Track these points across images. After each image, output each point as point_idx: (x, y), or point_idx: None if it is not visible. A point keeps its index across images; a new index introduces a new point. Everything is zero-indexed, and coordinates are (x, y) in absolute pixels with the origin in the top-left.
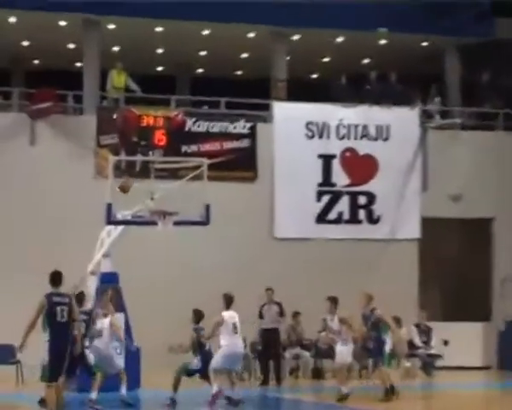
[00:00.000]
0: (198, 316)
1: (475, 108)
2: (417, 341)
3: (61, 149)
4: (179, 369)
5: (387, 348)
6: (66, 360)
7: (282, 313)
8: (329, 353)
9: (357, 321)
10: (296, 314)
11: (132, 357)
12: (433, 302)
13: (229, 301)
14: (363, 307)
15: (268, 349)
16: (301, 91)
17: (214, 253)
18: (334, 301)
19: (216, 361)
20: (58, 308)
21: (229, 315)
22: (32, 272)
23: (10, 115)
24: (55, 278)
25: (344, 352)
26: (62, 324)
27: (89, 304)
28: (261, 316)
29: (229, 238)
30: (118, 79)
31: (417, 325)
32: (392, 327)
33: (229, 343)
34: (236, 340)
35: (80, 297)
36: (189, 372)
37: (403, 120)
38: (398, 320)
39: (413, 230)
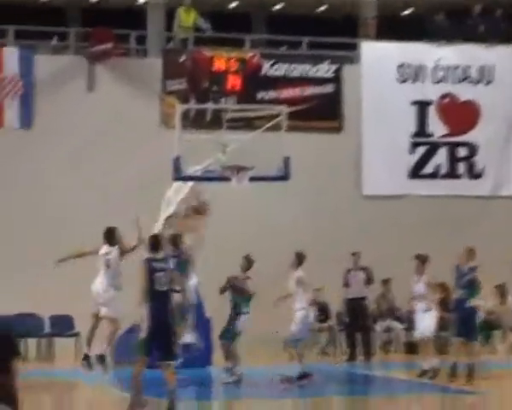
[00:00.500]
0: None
1: None
2: None
3: (122, 96)
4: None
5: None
6: (166, 333)
7: (369, 281)
8: None
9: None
10: (386, 281)
11: (202, 329)
12: None
13: (301, 260)
14: (462, 263)
15: (355, 321)
16: (393, 29)
17: (293, 211)
18: (422, 259)
19: (299, 331)
20: (157, 275)
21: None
22: (88, 233)
23: (66, 58)
24: (155, 243)
25: (425, 321)
26: (162, 292)
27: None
28: (346, 284)
29: (310, 195)
30: (186, 17)
31: None
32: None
33: (306, 307)
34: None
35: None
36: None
37: (509, 60)
38: (502, 288)
39: None
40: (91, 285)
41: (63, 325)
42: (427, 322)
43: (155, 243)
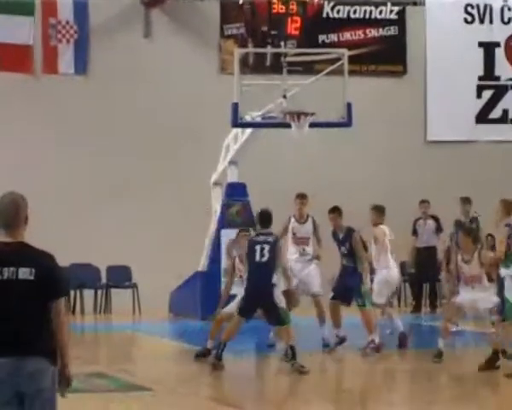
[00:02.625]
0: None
1: None
2: None
3: (179, 42)
4: None
5: None
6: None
7: (439, 229)
8: None
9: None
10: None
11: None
12: None
13: (381, 213)
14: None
15: (422, 271)
16: None
17: (356, 159)
18: (468, 201)
19: (380, 294)
20: (258, 247)
21: (385, 232)
22: (150, 183)
23: (121, 2)
24: (264, 219)
25: None
26: (261, 264)
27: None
28: (415, 232)
29: (373, 142)
30: None
31: None
32: None
33: (388, 266)
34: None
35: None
36: None
37: None
38: None
39: None
40: None
41: (120, 276)
42: None
43: (264, 218)
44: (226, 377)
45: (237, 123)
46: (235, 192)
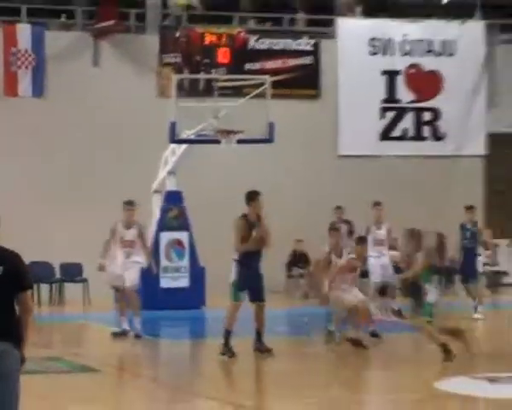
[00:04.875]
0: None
1: None
2: (484, 258)
3: (124, 69)
4: None
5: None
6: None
7: (352, 232)
8: None
9: None
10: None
11: (196, 276)
12: (498, 219)
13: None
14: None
15: None
16: (365, 7)
17: (277, 171)
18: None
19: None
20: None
21: None
22: (98, 189)
23: (73, 34)
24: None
25: (377, 268)
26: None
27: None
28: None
29: (292, 156)
30: None
31: (484, 242)
32: None
33: None
34: None
35: None
36: None
37: (469, 34)
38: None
39: (479, 146)
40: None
41: (72, 272)
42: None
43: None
44: (163, 360)
45: (174, 139)
46: (173, 199)
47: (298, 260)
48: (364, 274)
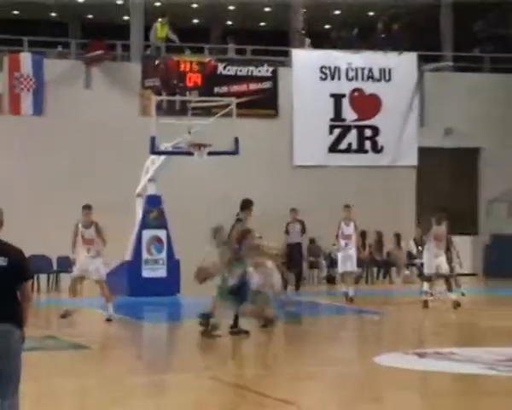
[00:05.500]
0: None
1: (465, 53)
2: (415, 252)
3: (111, 92)
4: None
5: None
6: None
7: (304, 230)
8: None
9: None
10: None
11: (172, 267)
12: (429, 220)
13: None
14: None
15: (291, 260)
16: (316, 40)
17: (242, 180)
18: (349, 207)
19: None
20: None
21: None
22: (89, 193)
23: (68, 62)
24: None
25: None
26: None
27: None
28: (287, 232)
29: (254, 167)
30: (161, 30)
31: (415, 240)
32: None
33: None
34: None
35: None
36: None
37: (403, 64)
38: (398, 237)
39: (411, 158)
40: None
41: (68, 264)
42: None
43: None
44: (145, 339)
45: (154, 151)
46: (153, 202)
47: None
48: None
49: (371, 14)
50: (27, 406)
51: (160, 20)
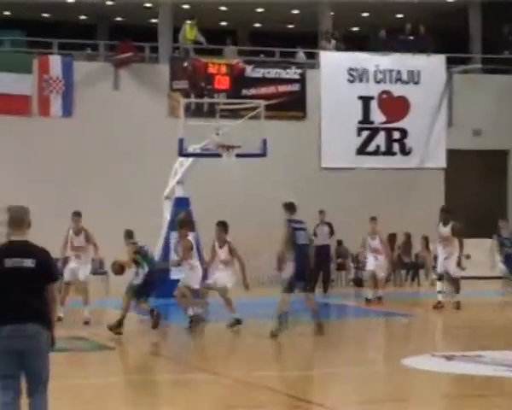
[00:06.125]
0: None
1: (494, 55)
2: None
3: (139, 93)
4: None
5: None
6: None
7: (332, 233)
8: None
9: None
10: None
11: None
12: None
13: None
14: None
15: (319, 262)
16: (345, 42)
17: (271, 182)
18: (376, 221)
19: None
20: (298, 233)
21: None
22: (118, 196)
23: (97, 64)
24: (291, 207)
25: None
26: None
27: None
28: (315, 234)
29: (282, 168)
30: (190, 32)
31: None
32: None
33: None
34: None
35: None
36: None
37: (431, 65)
38: (426, 238)
39: (440, 160)
40: None
41: (96, 266)
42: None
43: (291, 206)
44: (171, 340)
45: (182, 153)
46: (181, 204)
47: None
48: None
49: (399, 16)
50: (56, 404)
51: (188, 21)
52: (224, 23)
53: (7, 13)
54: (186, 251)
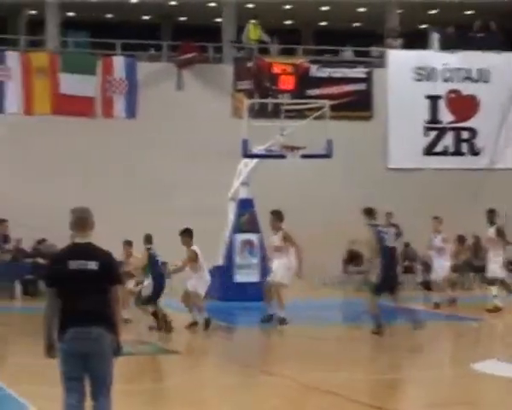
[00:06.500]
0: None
1: None
2: None
3: (203, 94)
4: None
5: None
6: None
7: (399, 234)
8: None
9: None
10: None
11: (265, 272)
12: None
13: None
14: None
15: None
16: (412, 40)
17: (337, 183)
18: (439, 220)
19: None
20: (384, 236)
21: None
22: (181, 200)
23: (160, 65)
24: (371, 212)
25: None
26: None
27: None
28: None
29: (348, 169)
30: (253, 32)
31: None
32: None
33: None
34: None
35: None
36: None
37: (502, 63)
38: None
39: (510, 161)
40: None
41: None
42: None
43: (371, 211)
44: (236, 343)
45: (247, 154)
46: (246, 205)
47: (353, 258)
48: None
49: (468, 12)
50: (121, 408)
51: (252, 21)
52: (288, 22)
53: (71, 14)
54: (189, 261)
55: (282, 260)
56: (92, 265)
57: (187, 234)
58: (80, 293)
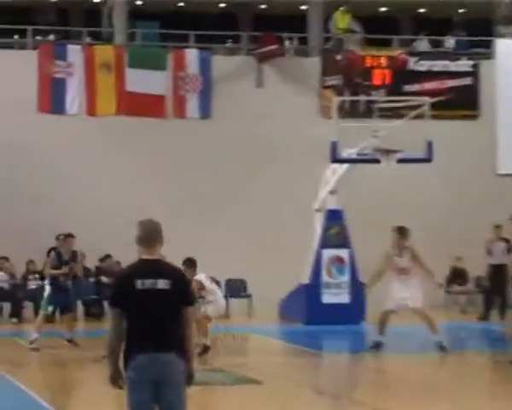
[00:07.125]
0: None
1: None
2: None
3: (285, 91)
4: None
5: None
6: None
7: (510, 250)
8: None
9: None
10: None
11: (357, 292)
12: None
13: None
14: None
15: (495, 285)
16: None
17: (437, 190)
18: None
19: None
20: None
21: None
22: (259, 207)
23: (238, 58)
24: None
25: None
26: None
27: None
28: (489, 252)
29: (450, 175)
30: (342, 20)
31: None
32: None
33: None
34: None
35: None
36: None
37: None
38: None
39: None
40: None
41: (237, 288)
42: None
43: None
44: (324, 371)
45: (336, 159)
46: (334, 217)
47: (457, 276)
48: None
49: None
50: None
51: (341, 8)
52: (383, 9)
53: (139, 2)
54: (197, 290)
55: (412, 282)
56: (163, 284)
57: (186, 265)
58: (149, 315)
